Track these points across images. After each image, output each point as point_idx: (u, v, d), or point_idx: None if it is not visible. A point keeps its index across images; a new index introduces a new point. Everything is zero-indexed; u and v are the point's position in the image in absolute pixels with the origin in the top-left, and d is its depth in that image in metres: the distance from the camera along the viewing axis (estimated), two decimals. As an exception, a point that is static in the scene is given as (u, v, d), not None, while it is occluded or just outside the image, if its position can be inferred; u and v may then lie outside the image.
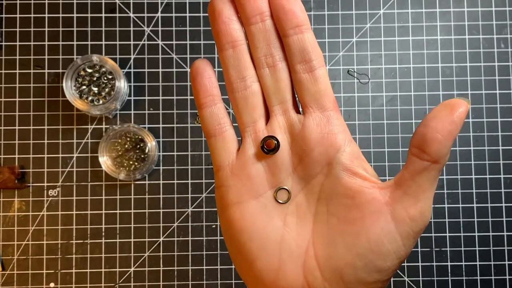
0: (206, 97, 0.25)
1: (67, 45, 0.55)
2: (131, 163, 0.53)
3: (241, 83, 0.25)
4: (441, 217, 0.54)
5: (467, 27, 0.55)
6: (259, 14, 0.24)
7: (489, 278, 0.53)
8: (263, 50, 0.24)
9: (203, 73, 0.25)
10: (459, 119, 0.21)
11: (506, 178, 0.54)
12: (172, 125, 0.54)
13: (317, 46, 0.24)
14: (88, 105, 0.51)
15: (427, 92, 0.55)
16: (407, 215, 0.22)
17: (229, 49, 0.24)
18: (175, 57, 0.55)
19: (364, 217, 0.22)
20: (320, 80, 0.24)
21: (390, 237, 0.22)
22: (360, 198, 0.23)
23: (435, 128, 0.21)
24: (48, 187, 0.54)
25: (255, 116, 0.25)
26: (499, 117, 0.55)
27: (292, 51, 0.24)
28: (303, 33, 0.24)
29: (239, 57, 0.24)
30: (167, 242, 0.54)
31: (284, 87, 0.25)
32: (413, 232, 0.22)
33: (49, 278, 0.53)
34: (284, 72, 0.24)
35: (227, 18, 0.24)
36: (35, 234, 0.53)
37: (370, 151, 0.54)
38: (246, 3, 0.23)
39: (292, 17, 0.23)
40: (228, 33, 0.24)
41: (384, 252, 0.22)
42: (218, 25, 0.24)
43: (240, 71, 0.24)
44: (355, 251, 0.22)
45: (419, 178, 0.22)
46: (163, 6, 0.55)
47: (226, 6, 0.24)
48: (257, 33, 0.24)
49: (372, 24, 0.55)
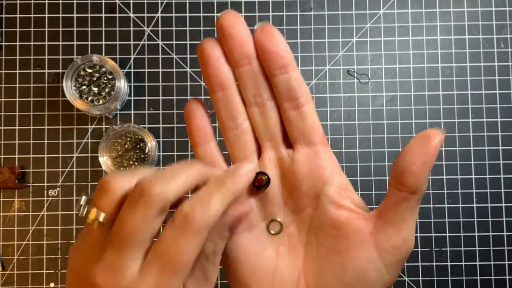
0: (199, 136, 0.26)
1: (67, 45, 0.55)
2: (131, 163, 0.53)
3: (232, 123, 0.26)
4: (441, 217, 0.54)
5: (467, 27, 0.55)
6: (246, 57, 0.24)
7: (489, 278, 0.53)
8: (251, 91, 0.25)
9: (195, 113, 0.26)
10: (434, 151, 0.21)
11: (506, 178, 0.54)
12: (172, 125, 0.54)
13: (303, 84, 0.25)
14: (88, 105, 0.51)
15: (427, 92, 0.55)
16: (390, 245, 0.23)
17: (219, 91, 0.25)
18: (175, 57, 0.55)
19: (350, 247, 0.23)
20: (308, 116, 0.25)
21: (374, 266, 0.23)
22: (346, 229, 0.23)
23: (410, 160, 0.22)
24: (48, 187, 0.54)
25: (247, 153, 0.26)
26: (499, 117, 0.55)
27: (279, 90, 0.25)
28: (289, 73, 0.24)
29: (229, 99, 0.25)
30: (167, 242, 0.54)
31: (273, 125, 0.25)
32: (397, 260, 0.23)
33: (49, 278, 0.53)
34: (272, 110, 0.25)
35: (215, 61, 0.24)
36: (35, 234, 0.53)
37: (370, 151, 0.54)
38: (233, 47, 0.24)
39: (277, 59, 0.24)
40: (217, 76, 0.25)
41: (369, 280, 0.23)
42: (208, 68, 0.25)
43: (231, 111, 0.25)
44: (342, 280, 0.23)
45: (399, 208, 0.22)
46: (163, 6, 0.55)
47: (215, 50, 0.24)
48: (245, 75, 0.25)
49: (372, 24, 0.55)
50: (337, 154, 0.54)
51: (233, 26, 0.24)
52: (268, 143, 0.26)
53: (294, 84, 0.24)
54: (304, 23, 0.55)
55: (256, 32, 0.24)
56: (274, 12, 0.55)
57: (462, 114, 0.55)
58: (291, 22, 0.55)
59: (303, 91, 0.25)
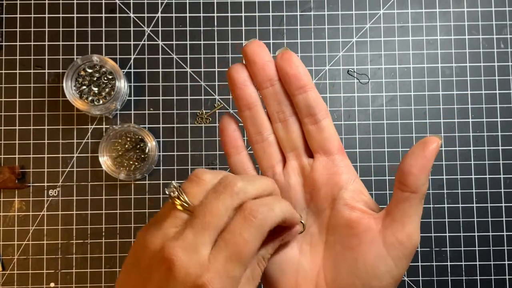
0: (231, 147, 0.30)
1: (67, 45, 0.55)
2: (131, 163, 0.53)
3: (258, 137, 0.29)
4: (441, 217, 0.54)
5: (467, 27, 0.55)
6: (269, 80, 0.28)
7: (488, 278, 0.54)
8: (275, 108, 0.29)
9: (228, 128, 0.30)
10: (431, 155, 0.25)
11: (506, 178, 0.54)
12: (172, 125, 0.54)
13: (320, 101, 0.28)
14: (88, 105, 0.51)
15: (426, 92, 0.55)
16: (396, 240, 0.26)
17: (246, 110, 0.29)
18: (175, 57, 0.55)
19: (361, 244, 0.26)
20: (325, 129, 0.28)
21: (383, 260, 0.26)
22: (358, 228, 0.27)
23: (410, 163, 0.25)
24: (48, 187, 0.54)
25: (272, 162, 0.30)
26: (498, 117, 0.55)
27: (299, 107, 0.28)
28: (307, 92, 0.28)
29: (255, 116, 0.29)
30: (167, 242, 0.54)
31: (295, 137, 0.29)
32: (403, 254, 0.26)
33: (49, 278, 0.53)
34: (294, 125, 0.29)
35: (242, 85, 0.28)
36: (35, 234, 0.53)
37: (370, 151, 0.54)
38: (256, 72, 0.28)
39: (296, 81, 0.28)
40: (244, 98, 0.29)
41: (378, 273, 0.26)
42: (235, 90, 0.29)
43: (257, 127, 0.29)
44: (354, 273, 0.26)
45: (402, 207, 0.26)
46: (163, 6, 0.55)
47: (241, 75, 0.28)
48: (268, 95, 0.29)
49: (372, 24, 0.55)
50: (337, 154, 0.54)
51: (256, 53, 0.28)
52: (291, 154, 0.29)
53: (312, 102, 0.28)
54: (304, 23, 0.55)
55: (277, 58, 0.28)
56: (274, 12, 0.55)
57: (462, 114, 0.55)
58: (291, 22, 0.55)
59: (321, 108, 0.28)
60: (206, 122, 0.54)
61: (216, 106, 0.55)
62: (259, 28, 0.55)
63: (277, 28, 0.55)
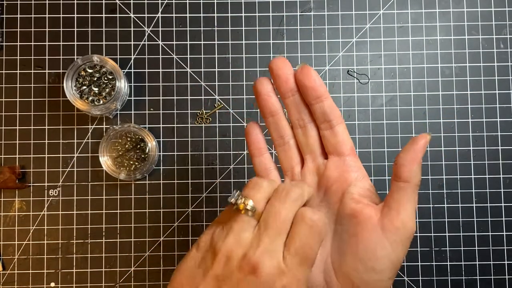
0: (255, 149, 0.34)
1: (67, 46, 0.55)
2: (131, 163, 0.53)
3: (281, 140, 0.34)
4: (440, 217, 0.54)
5: (467, 28, 0.55)
6: (290, 90, 0.33)
7: (488, 277, 0.54)
8: (295, 115, 0.33)
9: (252, 132, 0.34)
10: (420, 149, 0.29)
11: (506, 178, 0.54)
12: (172, 125, 0.55)
13: (335, 109, 0.32)
14: (89, 105, 0.51)
15: (426, 92, 0.55)
16: (392, 226, 0.29)
17: (270, 117, 0.34)
18: (176, 58, 0.55)
19: (363, 231, 0.30)
20: (339, 134, 0.32)
21: (381, 244, 0.29)
22: (360, 217, 0.30)
23: (402, 157, 0.29)
24: (49, 187, 0.54)
25: (292, 164, 0.34)
26: (498, 117, 0.55)
27: (316, 114, 0.33)
28: (323, 102, 0.32)
29: (278, 122, 0.34)
30: (168, 242, 0.54)
31: (313, 142, 0.33)
32: (400, 239, 0.29)
33: (50, 277, 0.53)
34: (312, 130, 0.33)
35: (266, 96, 0.33)
36: (36, 234, 0.53)
37: (370, 151, 0.54)
38: (280, 84, 0.32)
39: (313, 92, 0.32)
40: (268, 106, 0.33)
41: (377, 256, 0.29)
42: (260, 100, 0.33)
43: (279, 132, 0.34)
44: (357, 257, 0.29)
45: (398, 196, 0.29)
46: (163, 6, 0.55)
47: (265, 87, 0.33)
48: (290, 104, 0.33)
49: (372, 24, 0.55)
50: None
51: (280, 68, 0.32)
52: (308, 156, 0.34)
53: (327, 110, 0.32)
54: (304, 23, 0.55)
55: (297, 72, 0.32)
56: (274, 12, 0.55)
57: (462, 114, 0.55)
58: (291, 22, 0.55)
59: (335, 115, 0.32)
60: (206, 122, 0.55)
61: (216, 106, 0.55)
62: (259, 28, 0.55)
63: (277, 28, 0.55)
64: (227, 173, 0.55)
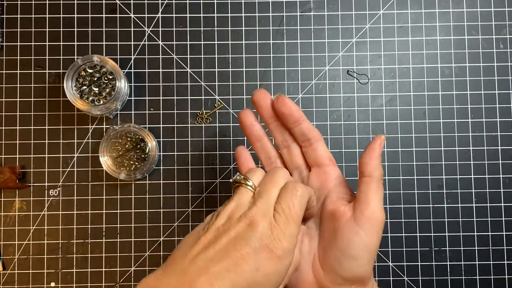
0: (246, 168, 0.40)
1: (67, 46, 0.55)
2: (131, 163, 0.53)
3: (269, 161, 0.40)
4: (440, 217, 0.54)
5: (466, 28, 0.56)
6: (272, 117, 0.38)
7: (488, 277, 0.54)
8: (280, 138, 0.39)
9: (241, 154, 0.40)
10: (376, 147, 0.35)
11: (505, 178, 0.54)
12: (172, 125, 0.55)
13: (312, 129, 0.37)
14: (89, 105, 0.51)
15: (426, 92, 0.55)
16: (363, 216, 0.33)
17: (257, 142, 0.40)
18: (176, 58, 0.55)
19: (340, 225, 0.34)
20: (318, 149, 0.38)
21: (355, 233, 0.33)
22: (337, 215, 0.35)
23: (363, 156, 0.35)
24: (49, 187, 0.54)
25: None
26: (498, 117, 0.55)
27: (297, 136, 0.38)
28: (301, 124, 0.37)
29: (264, 146, 0.40)
30: (168, 242, 0.54)
31: (297, 159, 0.39)
32: (371, 226, 0.33)
33: (50, 277, 0.53)
34: (295, 149, 0.39)
35: (250, 125, 0.39)
36: (36, 234, 0.54)
37: (370, 151, 0.54)
38: (263, 113, 0.38)
39: (290, 117, 0.37)
40: (254, 134, 0.40)
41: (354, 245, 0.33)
42: (246, 130, 0.39)
43: (267, 154, 0.40)
44: (337, 248, 0.34)
45: (364, 190, 0.34)
46: (163, 6, 0.55)
47: (249, 118, 0.39)
48: (273, 129, 0.39)
49: (372, 24, 0.55)
50: (337, 154, 0.54)
51: (261, 99, 0.38)
52: (295, 171, 0.39)
53: (306, 131, 0.37)
54: (304, 23, 0.55)
55: (274, 102, 0.37)
56: (274, 13, 0.55)
57: (462, 114, 0.55)
58: (291, 22, 0.55)
59: (313, 134, 0.37)
60: (206, 122, 0.55)
61: (216, 106, 0.55)
62: (259, 28, 0.55)
63: (277, 28, 0.55)
64: (227, 173, 0.55)
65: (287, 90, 0.55)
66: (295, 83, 0.55)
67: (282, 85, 0.55)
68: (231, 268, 0.29)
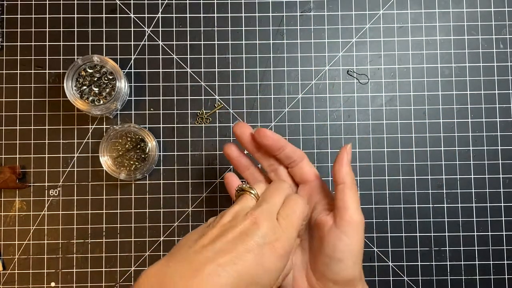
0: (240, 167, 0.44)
1: (68, 46, 0.55)
2: (131, 163, 0.53)
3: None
4: (440, 217, 0.54)
5: (466, 28, 0.56)
6: (256, 148, 0.42)
7: (488, 277, 0.54)
8: (266, 163, 0.42)
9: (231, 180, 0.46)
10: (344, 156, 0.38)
11: (505, 178, 0.54)
12: (173, 125, 0.55)
13: (296, 151, 0.40)
14: (89, 105, 0.51)
15: (426, 92, 0.55)
16: (343, 221, 0.36)
17: (246, 171, 0.44)
18: (176, 58, 0.55)
19: (324, 233, 0.36)
20: (303, 167, 0.41)
21: (338, 237, 0.35)
22: (321, 224, 0.37)
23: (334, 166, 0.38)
24: (49, 187, 0.54)
25: None
26: (498, 117, 0.55)
27: (282, 159, 0.41)
28: (284, 150, 0.40)
29: (252, 173, 0.44)
30: (168, 242, 0.54)
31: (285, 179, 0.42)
32: (352, 229, 0.35)
33: (50, 277, 0.53)
34: (282, 171, 0.42)
35: (237, 158, 0.44)
36: (36, 234, 0.54)
37: (370, 151, 0.54)
38: (245, 144, 0.42)
39: (274, 146, 0.40)
40: (240, 164, 0.44)
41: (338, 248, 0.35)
42: (234, 162, 0.44)
43: (256, 179, 0.44)
44: (324, 254, 0.36)
45: (340, 197, 0.37)
46: (163, 6, 0.55)
47: (234, 152, 0.44)
48: (259, 157, 0.42)
49: (372, 24, 0.56)
50: (337, 154, 0.54)
51: (243, 132, 0.41)
52: None
53: (290, 154, 0.40)
54: (304, 23, 0.55)
55: (255, 135, 0.40)
56: (274, 13, 0.55)
57: (462, 114, 0.55)
58: (291, 22, 0.55)
59: (297, 155, 0.40)
60: (206, 122, 0.55)
61: (216, 106, 0.55)
62: (259, 28, 0.55)
63: (277, 28, 0.55)
64: (227, 173, 0.55)
65: (287, 90, 0.55)
66: (295, 83, 0.55)
67: (282, 85, 0.55)
68: (237, 260, 0.30)
